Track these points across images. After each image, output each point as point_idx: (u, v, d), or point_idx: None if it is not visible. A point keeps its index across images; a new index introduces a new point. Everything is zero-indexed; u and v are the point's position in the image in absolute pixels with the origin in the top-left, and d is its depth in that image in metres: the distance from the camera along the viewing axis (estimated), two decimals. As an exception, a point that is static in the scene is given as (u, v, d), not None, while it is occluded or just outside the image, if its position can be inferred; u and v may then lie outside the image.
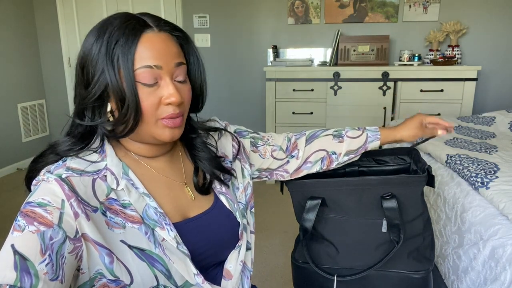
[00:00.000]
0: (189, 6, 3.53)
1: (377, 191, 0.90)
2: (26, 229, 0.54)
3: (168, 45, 0.64)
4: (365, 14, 3.28)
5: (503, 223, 1.20)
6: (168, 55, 0.63)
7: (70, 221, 0.57)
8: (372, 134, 0.92)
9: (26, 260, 0.52)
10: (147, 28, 0.63)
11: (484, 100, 3.23)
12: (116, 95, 0.61)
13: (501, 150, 1.69)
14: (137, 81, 0.61)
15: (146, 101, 0.62)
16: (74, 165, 0.62)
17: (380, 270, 0.96)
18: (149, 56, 0.61)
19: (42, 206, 0.56)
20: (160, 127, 0.65)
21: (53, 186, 0.58)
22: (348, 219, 0.95)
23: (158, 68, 0.62)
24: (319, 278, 0.99)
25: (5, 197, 2.94)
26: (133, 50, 0.60)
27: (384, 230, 0.92)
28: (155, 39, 0.62)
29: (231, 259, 0.74)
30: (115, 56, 0.60)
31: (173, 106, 0.64)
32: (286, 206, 2.65)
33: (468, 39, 3.17)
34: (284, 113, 3.10)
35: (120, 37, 0.60)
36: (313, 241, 1.00)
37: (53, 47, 3.78)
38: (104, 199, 0.62)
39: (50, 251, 0.54)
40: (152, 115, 0.63)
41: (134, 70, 0.60)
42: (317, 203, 0.94)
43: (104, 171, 0.64)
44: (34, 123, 3.78)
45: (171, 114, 0.64)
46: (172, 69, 0.64)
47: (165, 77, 0.63)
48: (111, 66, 0.60)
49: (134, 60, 0.60)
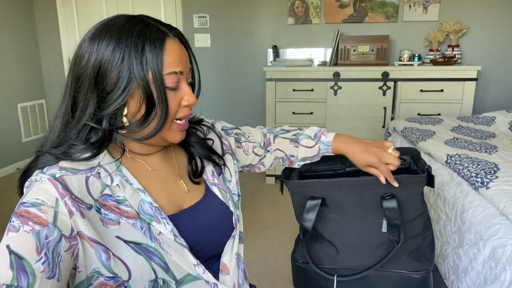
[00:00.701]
0: (189, 6, 3.53)
1: (377, 191, 0.90)
2: (21, 229, 0.54)
3: (184, 52, 0.69)
4: (365, 14, 3.28)
5: (503, 223, 1.20)
6: (185, 61, 0.69)
7: (65, 219, 0.57)
8: (324, 147, 0.93)
9: (22, 259, 0.52)
10: (166, 34, 0.66)
11: (484, 100, 3.23)
12: (145, 99, 0.63)
13: (501, 150, 1.69)
14: (165, 86, 0.65)
15: (171, 104, 0.67)
16: (67, 164, 0.62)
17: (380, 270, 0.96)
18: (174, 62, 0.66)
19: (36, 205, 0.56)
20: (173, 131, 0.70)
21: (47, 185, 0.58)
22: (348, 219, 0.95)
23: (182, 74, 0.67)
24: (319, 278, 0.99)
25: (5, 197, 2.94)
26: (161, 55, 0.64)
27: (384, 230, 0.92)
28: (175, 46, 0.67)
29: (227, 251, 0.76)
30: (144, 61, 0.62)
31: (189, 107, 0.70)
32: (286, 206, 2.65)
33: (468, 39, 3.17)
34: (284, 113, 3.10)
35: (145, 43, 0.63)
36: (313, 241, 1.00)
37: (53, 47, 3.78)
38: (98, 196, 0.63)
39: (46, 249, 0.54)
40: (172, 118, 0.69)
41: (163, 75, 0.64)
42: (317, 203, 0.94)
43: (97, 168, 0.65)
44: (34, 123, 3.78)
45: (187, 114, 0.70)
46: (188, 73, 0.70)
47: (183, 81, 0.69)
48: (141, 70, 0.62)
49: (163, 66, 0.64)
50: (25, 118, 3.67)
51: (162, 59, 0.64)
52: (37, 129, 3.82)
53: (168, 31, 0.67)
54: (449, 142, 1.87)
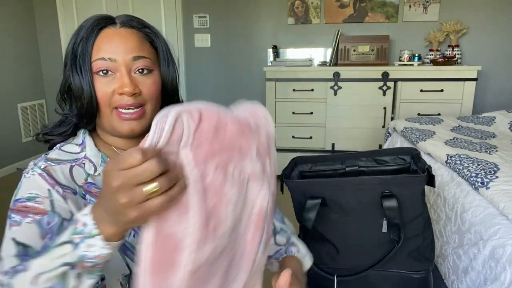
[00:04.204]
0: (189, 6, 3.52)
1: (377, 191, 0.90)
2: (23, 221, 0.57)
3: (126, 40, 0.66)
4: (365, 14, 3.28)
5: (503, 223, 1.20)
6: (124, 48, 0.66)
7: (62, 204, 0.60)
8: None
9: (28, 248, 0.56)
10: (109, 25, 0.68)
11: (484, 100, 3.23)
12: (75, 87, 0.66)
13: (501, 150, 1.69)
14: (94, 72, 0.65)
15: (101, 91, 0.66)
16: (53, 156, 0.67)
17: (380, 270, 0.96)
18: (104, 49, 0.65)
19: (31, 199, 0.59)
20: (117, 120, 0.67)
21: (36, 179, 0.62)
22: (348, 219, 0.95)
23: (112, 61, 0.65)
24: (319, 278, 0.99)
25: (5, 197, 2.93)
26: (90, 44, 0.65)
27: (384, 230, 0.92)
28: (112, 34, 0.66)
29: None
30: (77, 51, 0.66)
31: (127, 96, 0.65)
32: (286, 206, 2.64)
33: (468, 39, 3.17)
34: (284, 113, 3.10)
35: (83, 34, 0.66)
36: (313, 241, 1.00)
37: (53, 47, 3.78)
38: (82, 182, 0.66)
39: (50, 234, 0.57)
40: (106, 104, 0.66)
41: (91, 63, 0.65)
42: (317, 203, 0.94)
43: (82, 159, 0.68)
44: (34, 123, 3.78)
45: (124, 104, 0.66)
46: (130, 62, 0.66)
47: (121, 69, 0.66)
48: (73, 62, 0.66)
49: (91, 53, 0.65)
50: (25, 118, 3.67)
51: (91, 46, 0.65)
52: (37, 129, 3.80)
53: (120, 21, 0.68)
54: (449, 142, 1.87)
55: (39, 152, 3.82)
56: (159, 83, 0.70)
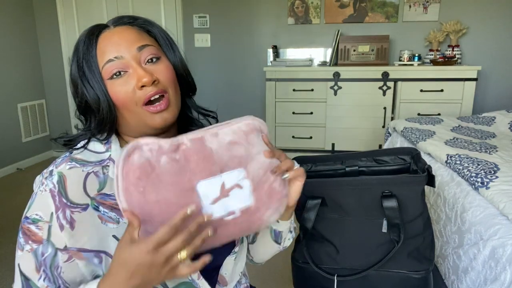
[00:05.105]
0: (189, 6, 3.53)
1: (377, 191, 0.90)
2: (24, 248, 0.61)
3: (124, 35, 0.66)
4: (365, 14, 3.28)
5: (503, 223, 1.20)
6: (126, 43, 0.65)
7: (58, 232, 0.60)
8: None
9: (28, 280, 0.60)
10: (104, 29, 0.67)
11: (484, 100, 3.23)
12: (92, 99, 0.65)
13: (501, 150, 1.69)
14: (107, 79, 0.64)
15: (122, 92, 0.64)
16: (78, 156, 0.65)
17: (380, 270, 0.96)
18: (108, 51, 0.64)
19: (35, 222, 0.61)
20: (149, 115, 0.66)
21: (46, 197, 0.61)
22: (348, 219, 0.95)
23: (120, 59, 0.64)
24: (319, 278, 0.99)
25: (5, 197, 2.94)
26: (93, 53, 0.65)
27: (384, 230, 0.92)
28: (109, 35, 0.66)
29: (226, 265, 0.74)
30: (84, 66, 0.65)
31: (148, 87, 0.64)
32: (286, 206, 2.64)
33: (468, 39, 3.17)
34: (284, 113, 3.10)
35: (83, 48, 0.65)
36: (313, 241, 1.00)
37: (53, 47, 3.78)
38: (95, 194, 0.63)
39: (44, 266, 0.60)
40: (131, 102, 0.64)
41: (101, 70, 0.64)
42: (317, 203, 0.94)
43: (107, 161, 0.66)
44: (34, 123, 3.78)
45: (149, 95, 0.64)
46: (137, 54, 0.65)
47: (132, 64, 0.65)
48: (83, 77, 0.65)
49: (97, 61, 0.64)
50: (25, 118, 3.67)
51: (95, 55, 0.65)
52: (37, 129, 3.82)
53: (112, 23, 0.68)
54: (449, 142, 1.87)
55: (39, 152, 3.82)
56: (171, 67, 0.70)
